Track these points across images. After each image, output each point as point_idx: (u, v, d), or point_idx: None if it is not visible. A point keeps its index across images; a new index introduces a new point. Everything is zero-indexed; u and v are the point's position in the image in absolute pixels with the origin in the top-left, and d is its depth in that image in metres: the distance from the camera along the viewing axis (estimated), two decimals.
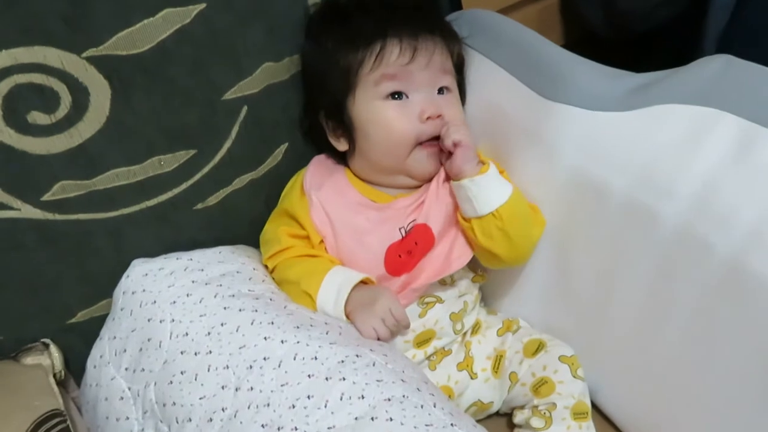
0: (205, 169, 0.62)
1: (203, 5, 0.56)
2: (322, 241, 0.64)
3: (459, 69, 0.68)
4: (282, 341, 0.52)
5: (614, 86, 0.58)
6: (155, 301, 0.57)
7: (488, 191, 0.59)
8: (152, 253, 0.62)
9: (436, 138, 0.62)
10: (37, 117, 0.53)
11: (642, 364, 0.59)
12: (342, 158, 0.68)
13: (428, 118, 0.61)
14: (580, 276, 0.62)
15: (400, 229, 0.63)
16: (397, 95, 0.62)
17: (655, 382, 0.57)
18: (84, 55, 0.52)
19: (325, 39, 0.63)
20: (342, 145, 0.66)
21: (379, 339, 0.56)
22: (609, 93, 0.58)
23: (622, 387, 0.61)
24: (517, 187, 0.61)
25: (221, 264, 0.61)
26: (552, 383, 0.60)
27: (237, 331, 0.53)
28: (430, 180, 0.65)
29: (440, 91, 0.64)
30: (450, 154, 0.60)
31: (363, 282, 0.60)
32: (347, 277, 0.59)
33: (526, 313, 0.68)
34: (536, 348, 0.63)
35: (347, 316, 0.57)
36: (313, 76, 0.65)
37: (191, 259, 0.61)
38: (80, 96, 0.53)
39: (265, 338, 0.52)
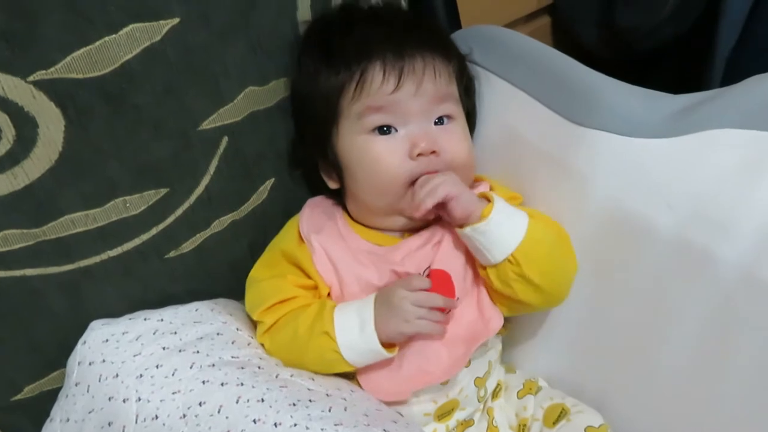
0: (179, 211, 0.55)
1: (176, 20, 0.49)
2: (329, 293, 0.56)
3: (468, 91, 0.60)
4: (275, 424, 0.44)
5: (653, 109, 0.53)
6: (117, 375, 0.49)
7: (496, 236, 0.51)
8: (115, 312, 0.54)
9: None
10: None
11: (693, 430, 0.51)
12: (338, 197, 0.61)
13: (419, 154, 0.53)
14: (616, 328, 0.55)
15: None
16: (385, 129, 0.54)
17: None
18: (30, 78, 0.45)
19: (308, 60, 0.57)
20: (333, 183, 0.59)
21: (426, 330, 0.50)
22: (648, 117, 0.53)
23: None
24: (537, 214, 0.54)
25: (198, 324, 0.53)
26: None
27: (219, 412, 0.46)
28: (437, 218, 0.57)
29: (440, 120, 0.56)
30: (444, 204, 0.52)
31: None
32: (363, 301, 0.52)
33: (548, 368, 0.61)
34: (558, 415, 0.55)
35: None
36: (298, 104, 0.60)
37: (162, 320, 0.53)
38: (26, 128, 0.46)
39: (254, 421, 0.45)
